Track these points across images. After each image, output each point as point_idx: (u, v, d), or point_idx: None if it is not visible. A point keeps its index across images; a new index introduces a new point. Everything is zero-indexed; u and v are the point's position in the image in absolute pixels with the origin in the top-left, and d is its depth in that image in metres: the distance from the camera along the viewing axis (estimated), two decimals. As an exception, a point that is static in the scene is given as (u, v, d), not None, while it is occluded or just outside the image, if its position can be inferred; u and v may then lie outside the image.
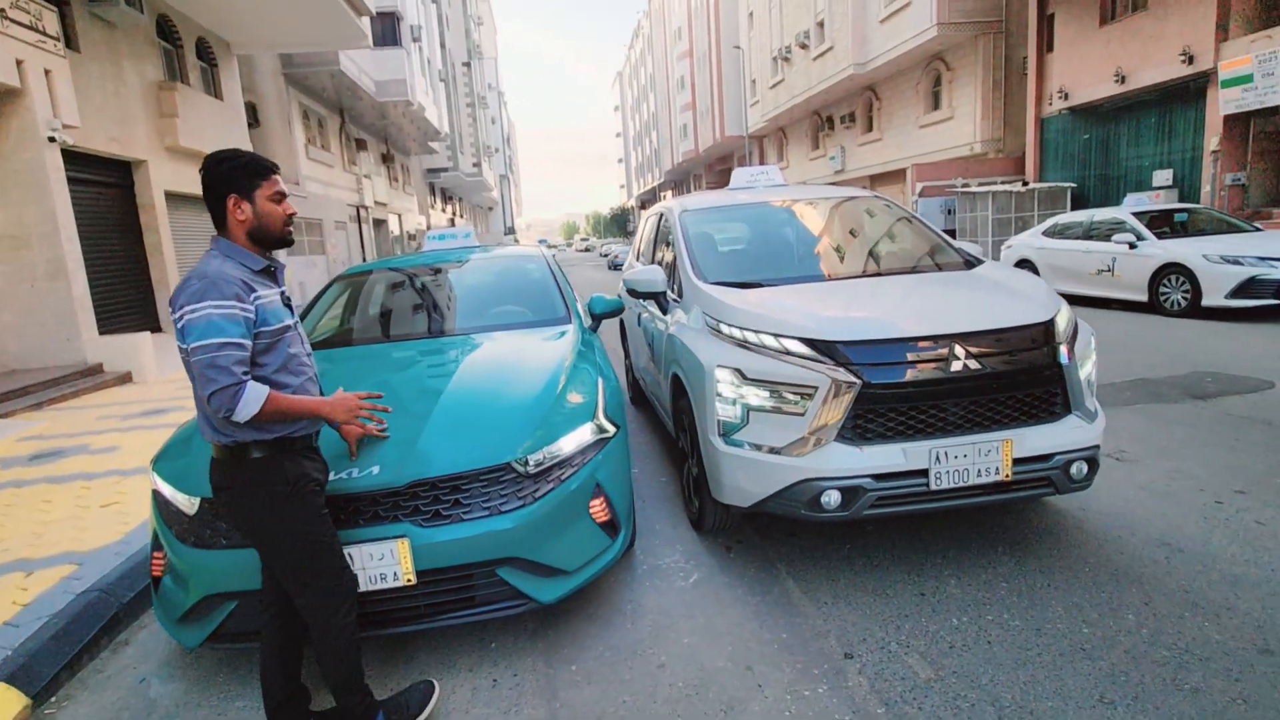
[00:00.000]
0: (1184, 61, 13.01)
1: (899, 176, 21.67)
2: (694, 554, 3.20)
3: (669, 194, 48.22)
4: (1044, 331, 2.72)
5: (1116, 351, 6.77)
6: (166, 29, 11.83)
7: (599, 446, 2.68)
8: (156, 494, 2.51)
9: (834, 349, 2.64)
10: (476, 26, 47.52)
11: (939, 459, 2.57)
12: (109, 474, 4.58)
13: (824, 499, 2.61)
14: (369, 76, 20.10)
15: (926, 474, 2.58)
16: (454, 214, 44.26)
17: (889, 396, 2.60)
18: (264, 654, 2.09)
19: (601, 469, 2.64)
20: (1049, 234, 10.99)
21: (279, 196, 1.98)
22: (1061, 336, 2.74)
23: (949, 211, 18.88)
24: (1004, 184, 17.34)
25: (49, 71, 8.12)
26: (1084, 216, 10.61)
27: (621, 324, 6.06)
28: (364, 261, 19.86)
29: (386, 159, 27.59)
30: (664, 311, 3.86)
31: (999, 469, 2.60)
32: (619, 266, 27.33)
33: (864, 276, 3.55)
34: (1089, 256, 9.96)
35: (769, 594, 2.80)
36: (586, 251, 63.24)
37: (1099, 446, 2.75)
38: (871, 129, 24.11)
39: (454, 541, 2.29)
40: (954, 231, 18.55)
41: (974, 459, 2.59)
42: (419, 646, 2.61)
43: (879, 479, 2.59)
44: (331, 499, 2.14)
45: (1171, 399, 5.04)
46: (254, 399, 1.80)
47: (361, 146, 23.88)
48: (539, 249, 4.75)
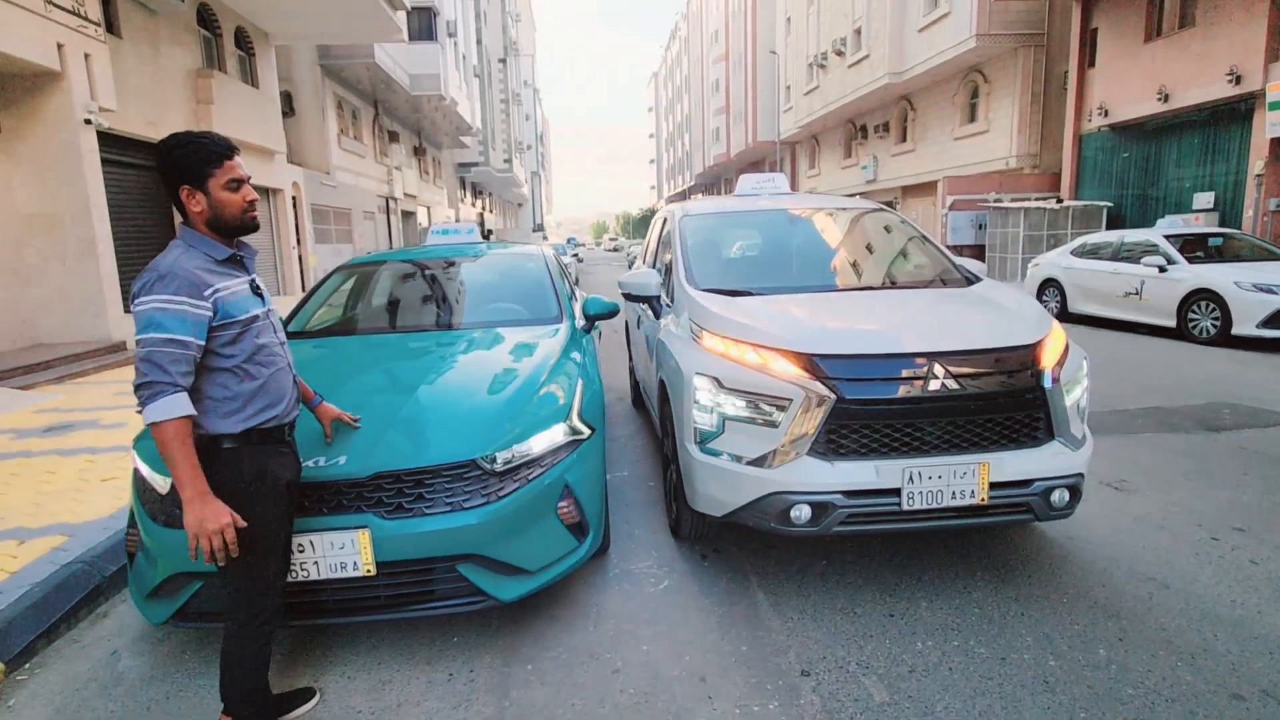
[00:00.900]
0: (1231, 81, 12.61)
1: (931, 189, 21.35)
2: (668, 560, 3.18)
3: (699, 196, 48.06)
4: (1029, 354, 2.65)
5: (1136, 378, 6.59)
6: (206, 17, 12.12)
7: (571, 448, 2.68)
8: (136, 472, 2.57)
9: (810, 362, 2.60)
10: (514, 23, 47.88)
11: (912, 479, 2.52)
12: (114, 449, 4.70)
13: (794, 513, 2.58)
14: (403, 70, 20.36)
15: (899, 493, 2.53)
16: (484, 209, 44.65)
17: (863, 412, 2.56)
18: (226, 636, 2.12)
19: (572, 470, 2.64)
20: (1078, 254, 10.74)
21: (235, 183, 1.87)
22: (1047, 360, 2.66)
23: (980, 226, 18.54)
24: (1038, 201, 16.97)
25: (88, 55, 8.38)
26: (1115, 237, 10.35)
27: (627, 326, 6.06)
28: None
29: (418, 152, 27.93)
30: (657, 316, 3.85)
31: (975, 492, 2.54)
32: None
33: (856, 290, 3.51)
34: (1117, 278, 9.71)
35: (736, 605, 2.77)
36: (615, 251, 63.33)
37: (1083, 475, 2.68)
38: (905, 139, 23.79)
39: (415, 535, 2.30)
40: (984, 247, 18.22)
41: (949, 481, 2.53)
42: (382, 636, 2.64)
43: (850, 495, 2.55)
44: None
45: (1184, 429, 4.89)
46: (166, 410, 1.71)
47: (394, 139, 24.20)
48: (539, 247, 4.75)
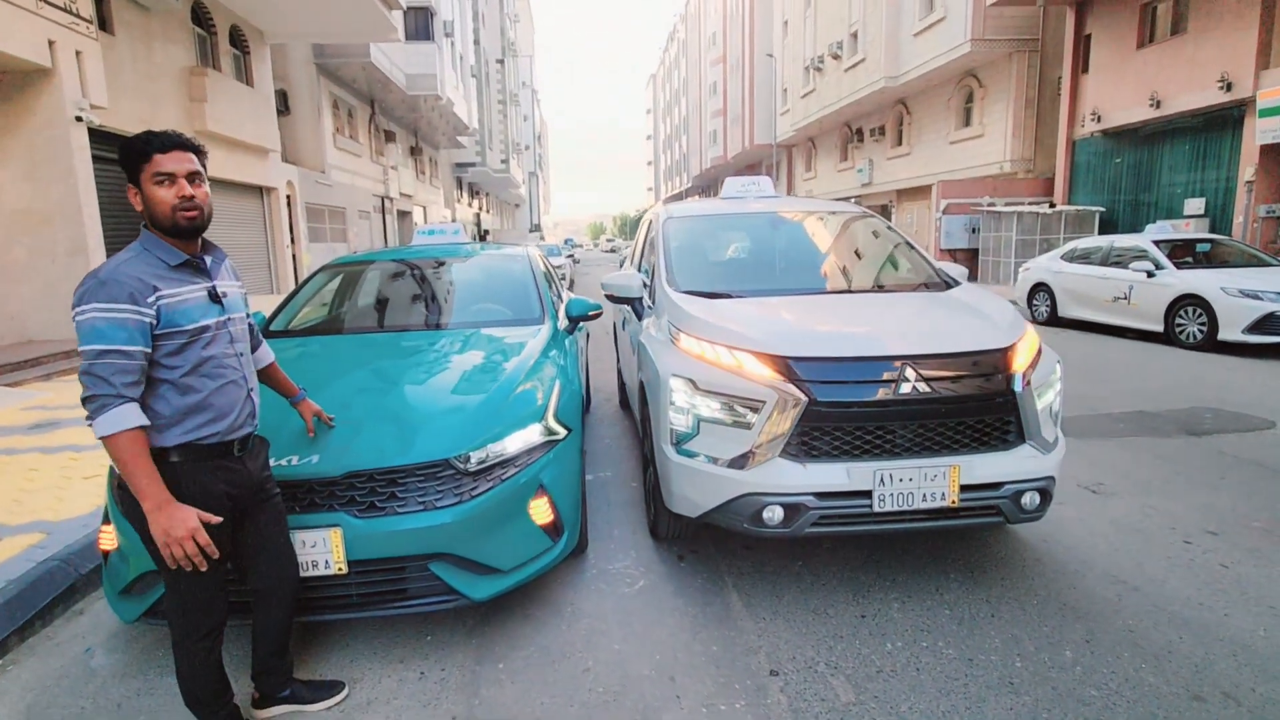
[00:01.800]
0: (1222, 88, 12.68)
1: (925, 193, 21.41)
2: (646, 561, 3.20)
3: (695, 198, 48.08)
4: (1001, 358, 2.67)
5: (1121, 382, 6.62)
6: (201, 15, 12.11)
7: (547, 448, 2.69)
8: (111, 470, 2.57)
9: (783, 364, 2.62)
10: (513, 24, 47.91)
11: (884, 481, 2.54)
12: (97, 447, 4.65)
13: (766, 514, 2.60)
14: (399, 69, 20.36)
15: (870, 495, 2.55)
16: (480, 209, 44.63)
17: (835, 415, 2.58)
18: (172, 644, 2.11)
19: (547, 470, 2.65)
20: (1068, 258, 10.79)
21: (162, 178, 1.75)
22: (1019, 364, 2.68)
23: (973, 230, 18.60)
24: (1031, 205, 17.04)
25: (80, 52, 8.37)
26: (1104, 242, 10.40)
27: (615, 328, 6.07)
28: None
29: (415, 151, 27.91)
30: (639, 318, 3.87)
31: (945, 495, 2.57)
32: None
33: (834, 293, 3.53)
34: (1105, 283, 9.76)
35: (710, 606, 2.79)
36: (612, 252, 63.43)
37: (1054, 478, 2.70)
38: (901, 143, 23.86)
39: (387, 534, 2.32)
40: (977, 251, 18.28)
41: (920, 483, 2.55)
42: (356, 634, 2.65)
43: (822, 497, 2.57)
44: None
45: (1165, 433, 4.92)
46: (114, 423, 1.65)
47: (390, 138, 24.18)
48: (524, 248, 4.77)
